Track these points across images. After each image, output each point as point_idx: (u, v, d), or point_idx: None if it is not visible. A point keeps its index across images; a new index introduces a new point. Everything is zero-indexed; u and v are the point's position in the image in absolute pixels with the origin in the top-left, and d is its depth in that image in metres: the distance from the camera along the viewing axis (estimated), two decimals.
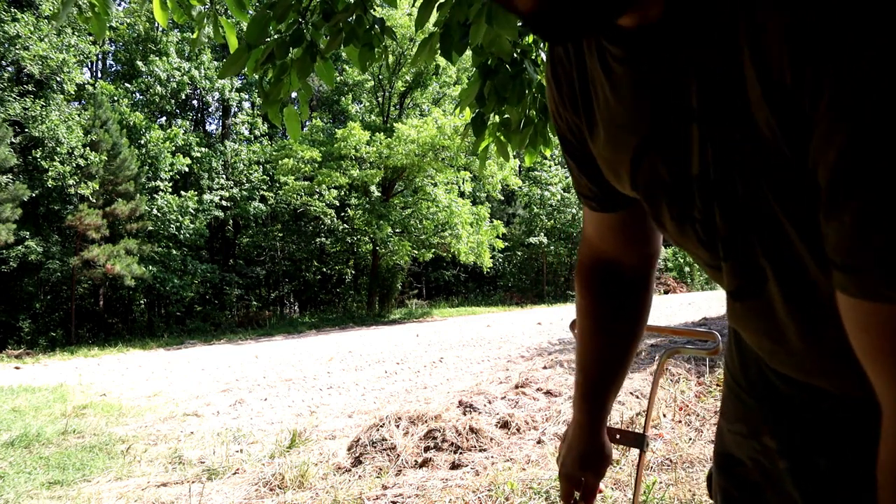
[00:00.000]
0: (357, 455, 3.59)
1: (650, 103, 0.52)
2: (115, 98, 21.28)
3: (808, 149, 0.40)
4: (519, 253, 28.08)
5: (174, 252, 20.58)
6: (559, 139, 0.70)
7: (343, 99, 26.41)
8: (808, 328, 0.53)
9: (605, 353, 0.87)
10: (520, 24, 1.98)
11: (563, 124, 0.68)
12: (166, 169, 21.14)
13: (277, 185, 22.82)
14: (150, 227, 20.07)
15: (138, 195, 19.08)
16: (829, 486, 0.58)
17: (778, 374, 0.64)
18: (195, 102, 26.35)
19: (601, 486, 0.93)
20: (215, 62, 23.57)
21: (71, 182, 17.44)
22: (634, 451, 3.09)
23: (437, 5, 2.07)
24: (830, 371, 0.55)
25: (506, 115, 2.71)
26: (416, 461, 3.40)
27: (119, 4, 23.96)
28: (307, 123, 24.00)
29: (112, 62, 25.28)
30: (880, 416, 0.43)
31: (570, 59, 0.62)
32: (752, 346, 0.68)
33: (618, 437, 1.08)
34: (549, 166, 26.67)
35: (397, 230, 21.45)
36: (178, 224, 20.79)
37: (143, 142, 20.86)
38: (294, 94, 2.36)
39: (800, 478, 0.61)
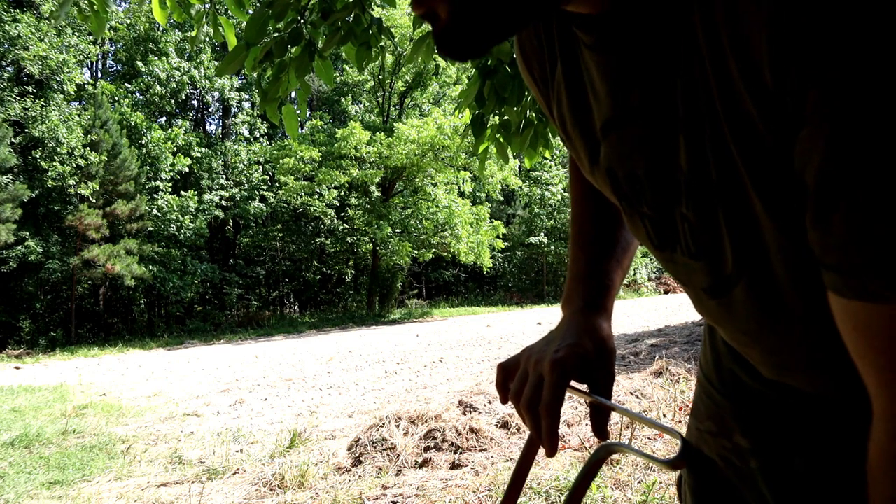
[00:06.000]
0: (357, 455, 3.59)
1: (620, 90, 0.50)
2: (116, 98, 21.29)
3: (793, 150, 0.38)
4: (519, 253, 28.07)
5: (174, 252, 20.59)
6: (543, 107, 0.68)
7: (343, 99, 26.42)
8: (776, 327, 0.52)
9: (602, 213, 0.76)
10: None
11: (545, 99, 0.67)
12: (166, 169, 21.15)
13: (277, 185, 22.83)
14: (151, 227, 20.08)
15: (138, 195, 19.09)
16: (803, 485, 0.57)
17: (750, 372, 0.64)
18: (195, 102, 26.39)
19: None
20: (215, 62, 23.58)
21: (71, 182, 17.45)
22: None
23: None
24: (802, 370, 0.55)
25: (505, 117, 2.71)
26: (416, 461, 3.40)
27: (119, 4, 23.97)
28: (307, 123, 24.04)
29: (112, 62, 25.32)
30: (859, 417, 0.42)
31: (539, 46, 0.62)
32: (725, 343, 0.68)
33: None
34: (550, 166, 26.66)
35: (397, 230, 21.44)
36: (178, 224, 20.80)
37: (143, 142, 20.88)
38: (293, 94, 2.36)
39: (771, 477, 0.60)
